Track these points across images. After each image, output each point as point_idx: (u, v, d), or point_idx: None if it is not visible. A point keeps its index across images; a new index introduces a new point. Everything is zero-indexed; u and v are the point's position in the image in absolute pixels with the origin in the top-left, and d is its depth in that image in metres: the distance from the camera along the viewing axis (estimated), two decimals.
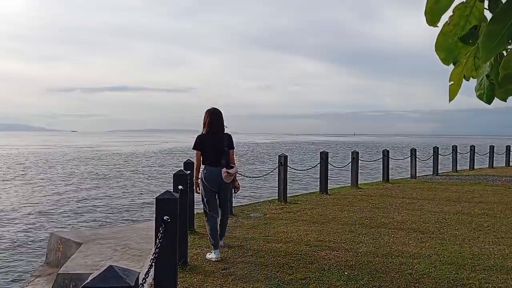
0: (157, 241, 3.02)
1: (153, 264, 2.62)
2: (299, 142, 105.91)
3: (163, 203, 3.50)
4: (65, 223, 11.38)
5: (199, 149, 5.55)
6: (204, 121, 5.63)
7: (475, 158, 19.20)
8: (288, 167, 9.66)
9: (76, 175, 23.18)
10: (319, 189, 10.98)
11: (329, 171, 11.17)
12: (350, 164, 12.40)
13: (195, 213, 6.94)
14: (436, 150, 16.17)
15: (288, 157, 9.78)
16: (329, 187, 11.17)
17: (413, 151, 15.06)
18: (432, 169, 16.31)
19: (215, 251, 5.29)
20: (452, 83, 1.60)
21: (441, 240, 6.18)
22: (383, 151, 13.83)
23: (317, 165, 11.36)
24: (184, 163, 6.75)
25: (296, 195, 10.68)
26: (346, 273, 4.70)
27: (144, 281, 2.01)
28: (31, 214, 12.38)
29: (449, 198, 10.18)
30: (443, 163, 20.05)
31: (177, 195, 3.67)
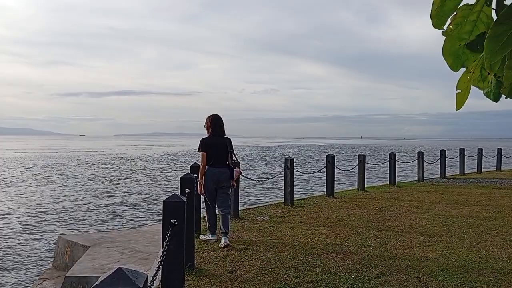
0: (165, 244, 3.03)
1: (161, 266, 2.63)
2: (306, 145, 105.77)
3: (170, 206, 3.52)
4: (72, 226, 11.44)
5: (204, 150, 6.12)
6: (207, 126, 6.25)
7: (483, 161, 19.08)
8: (294, 170, 9.66)
9: (83, 178, 23.31)
10: (325, 192, 10.96)
11: (335, 174, 11.15)
12: (356, 167, 12.37)
13: (201, 216, 6.96)
14: (443, 153, 16.09)
15: (294, 160, 9.78)
16: (335, 190, 11.15)
17: (420, 154, 15.00)
18: (439, 172, 16.23)
19: (212, 235, 6.15)
20: (459, 91, 1.55)
21: (449, 243, 6.14)
22: (390, 154, 13.78)
23: (323, 168, 11.35)
24: (190, 166, 6.78)
25: (302, 198, 10.67)
26: (353, 276, 4.69)
27: (152, 283, 2.03)
28: (39, 217, 12.47)
29: (457, 201, 10.12)
30: (451, 166, 19.96)
31: (184, 199, 3.69)
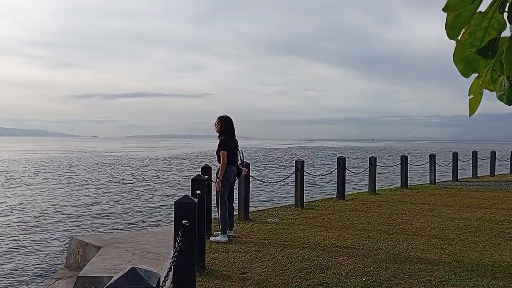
0: (176, 245, 3.05)
1: (172, 267, 2.65)
2: (316, 147, 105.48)
3: (182, 208, 3.54)
4: (85, 227, 11.56)
5: (227, 149, 6.38)
6: (221, 127, 6.46)
7: (496, 163, 18.86)
8: (305, 173, 9.64)
9: (96, 179, 23.53)
10: (336, 195, 10.92)
11: (346, 177, 11.11)
12: (368, 169, 12.31)
13: (212, 217, 6.99)
14: (455, 155, 15.94)
15: (305, 162, 9.77)
16: (346, 193, 11.10)
17: (432, 157, 14.88)
18: (451, 174, 16.07)
19: (224, 235, 6.28)
20: (471, 97, 1.55)
21: (461, 246, 6.08)
22: (402, 156, 13.68)
23: (334, 171, 11.31)
24: (202, 168, 6.81)
25: (313, 201, 10.65)
26: (364, 279, 4.67)
27: (163, 284, 2.04)
28: (52, 217, 12.61)
29: (469, 204, 10.01)
30: (463, 169, 19.75)
31: (195, 200, 3.71)
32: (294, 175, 9.59)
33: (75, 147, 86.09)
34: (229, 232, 6.47)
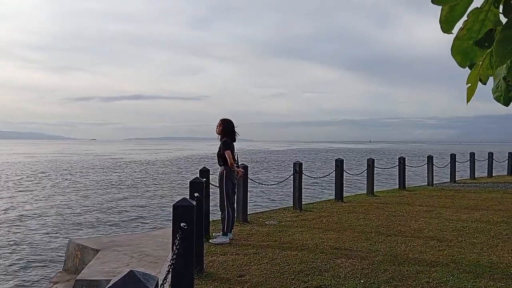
0: (174, 248, 3.06)
1: (170, 270, 2.66)
2: (314, 149, 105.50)
3: (180, 210, 3.54)
4: (82, 230, 11.53)
5: (230, 149, 6.64)
6: (223, 129, 6.73)
7: (494, 165, 18.91)
8: (303, 175, 9.65)
9: (94, 182, 23.48)
10: (334, 197, 10.93)
11: (344, 179, 11.12)
12: (365, 171, 12.33)
13: (210, 220, 7.00)
14: (453, 157, 15.98)
15: (303, 164, 9.78)
16: (344, 195, 11.12)
17: (430, 158, 14.92)
18: (449, 176, 16.10)
19: (226, 236, 6.47)
20: (469, 85, 1.61)
21: (459, 248, 6.10)
22: (400, 158, 13.71)
23: (332, 172, 11.33)
24: (200, 170, 6.82)
25: (311, 203, 10.66)
26: (362, 281, 4.68)
27: (162, 286, 2.05)
28: (50, 221, 12.58)
29: (467, 205, 10.04)
30: (461, 170, 19.79)
31: (194, 203, 3.71)
32: (292, 177, 9.60)
33: (74, 150, 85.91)
34: (229, 234, 6.56)
